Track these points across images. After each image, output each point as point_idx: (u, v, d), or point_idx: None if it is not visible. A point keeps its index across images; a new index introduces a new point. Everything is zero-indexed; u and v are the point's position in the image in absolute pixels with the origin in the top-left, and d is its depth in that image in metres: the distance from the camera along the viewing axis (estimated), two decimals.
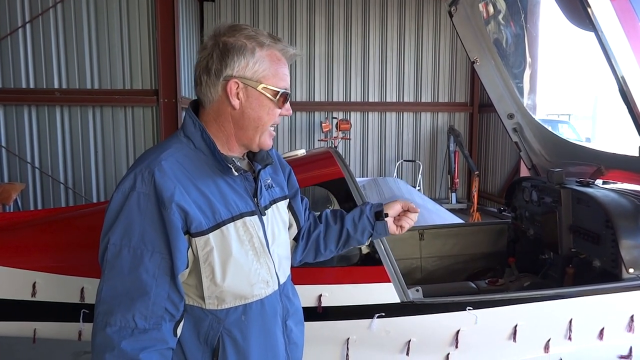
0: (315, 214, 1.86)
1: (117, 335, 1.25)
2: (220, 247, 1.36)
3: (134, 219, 1.29)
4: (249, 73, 1.39)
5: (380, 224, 1.83)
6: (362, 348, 2.30)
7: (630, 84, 2.17)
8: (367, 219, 1.82)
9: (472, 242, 3.57)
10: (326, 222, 1.83)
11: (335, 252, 1.84)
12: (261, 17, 9.76)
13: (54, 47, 6.68)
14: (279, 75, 1.43)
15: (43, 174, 6.88)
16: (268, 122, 1.45)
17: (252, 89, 1.41)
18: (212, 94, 1.42)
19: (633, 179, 2.91)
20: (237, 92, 1.40)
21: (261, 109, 1.42)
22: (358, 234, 1.81)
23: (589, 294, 2.39)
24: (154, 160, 1.34)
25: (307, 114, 10.05)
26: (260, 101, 1.42)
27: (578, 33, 2.52)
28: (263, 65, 1.40)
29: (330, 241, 1.81)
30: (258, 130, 1.44)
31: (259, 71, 1.40)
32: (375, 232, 1.83)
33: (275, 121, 1.47)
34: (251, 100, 1.41)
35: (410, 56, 10.20)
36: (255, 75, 1.40)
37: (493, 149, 10.02)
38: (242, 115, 1.42)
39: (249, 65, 1.39)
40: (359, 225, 1.81)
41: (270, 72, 1.41)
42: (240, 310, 1.41)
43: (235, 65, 1.38)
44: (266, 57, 1.41)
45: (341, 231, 1.81)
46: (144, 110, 6.88)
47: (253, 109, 1.42)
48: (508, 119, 3.56)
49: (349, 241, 1.83)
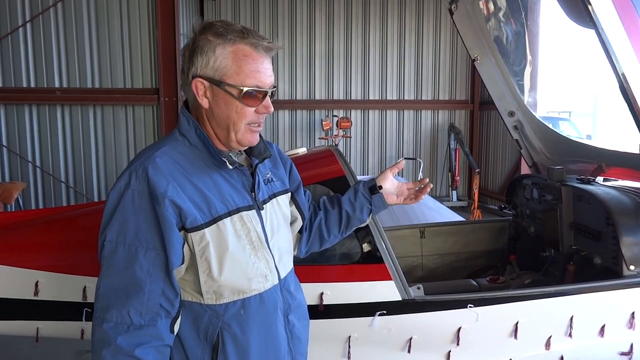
0: (314, 203, 1.86)
1: (113, 331, 1.26)
2: (217, 241, 1.36)
3: (128, 216, 1.30)
4: (211, 71, 1.36)
5: (377, 197, 1.84)
6: (363, 346, 2.31)
7: (630, 81, 2.17)
8: (363, 195, 1.84)
9: (473, 239, 3.58)
10: (325, 209, 1.84)
11: (339, 236, 1.85)
12: (261, 15, 9.73)
13: (55, 46, 6.67)
14: (244, 72, 1.36)
15: (44, 173, 6.88)
16: (240, 121, 1.39)
17: (216, 87, 1.37)
18: (188, 94, 1.43)
19: (634, 176, 2.92)
20: (205, 91, 1.38)
21: (228, 108, 1.38)
22: (357, 212, 1.82)
23: (589, 291, 2.40)
24: (149, 157, 1.34)
25: (307, 112, 10.03)
26: (226, 100, 1.37)
27: (578, 30, 2.51)
28: (224, 62, 1.35)
29: (332, 226, 1.82)
30: (231, 129, 1.40)
31: (220, 68, 1.35)
32: (374, 206, 1.84)
33: (249, 119, 1.40)
34: (217, 99, 1.38)
35: (410, 54, 10.18)
36: (217, 74, 1.36)
37: (494, 146, 10.01)
38: (213, 114, 1.40)
39: (210, 64, 1.35)
40: (356, 204, 1.82)
41: (232, 69, 1.35)
42: (239, 304, 1.41)
43: (198, 63, 1.36)
44: (229, 54, 1.35)
45: (340, 213, 1.82)
46: (145, 109, 6.87)
47: (220, 108, 1.39)
48: (509, 116, 3.57)
49: (351, 221, 1.83)
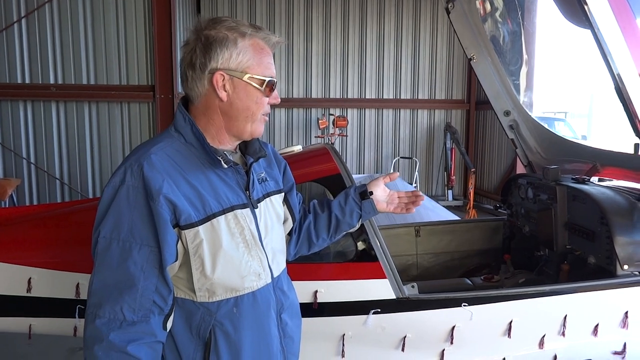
0: (304, 206, 1.87)
1: (106, 327, 1.26)
2: (210, 239, 1.36)
3: (123, 212, 1.30)
4: (234, 64, 1.40)
5: (367, 202, 1.85)
6: (357, 344, 2.31)
7: (626, 82, 2.17)
8: (353, 200, 1.84)
9: (468, 238, 3.59)
10: (314, 212, 1.84)
11: (328, 240, 1.86)
12: (258, 12, 9.71)
13: (50, 42, 6.63)
14: (264, 64, 1.43)
15: (39, 169, 6.84)
16: (257, 112, 1.45)
17: (238, 79, 1.41)
18: (199, 89, 1.43)
19: (628, 176, 2.93)
20: (224, 84, 1.41)
21: (249, 99, 1.43)
22: (347, 217, 1.83)
23: (583, 291, 2.41)
24: (144, 154, 1.35)
25: (304, 110, 10.03)
26: (247, 91, 1.42)
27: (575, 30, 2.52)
28: (247, 55, 1.40)
29: (321, 230, 1.82)
30: (248, 120, 1.45)
31: (243, 61, 1.40)
32: (364, 212, 1.85)
33: (264, 110, 1.47)
34: (238, 91, 1.42)
35: (407, 53, 10.19)
36: (240, 66, 1.40)
37: (489, 146, 10.03)
38: (231, 106, 1.43)
39: (233, 57, 1.39)
40: (346, 209, 1.83)
41: (254, 61, 1.41)
42: (232, 302, 1.41)
43: (219, 57, 1.39)
44: (249, 47, 1.41)
45: (330, 217, 1.82)
46: (140, 106, 6.83)
47: (241, 99, 1.42)
48: (504, 116, 3.57)
49: (340, 226, 1.84)
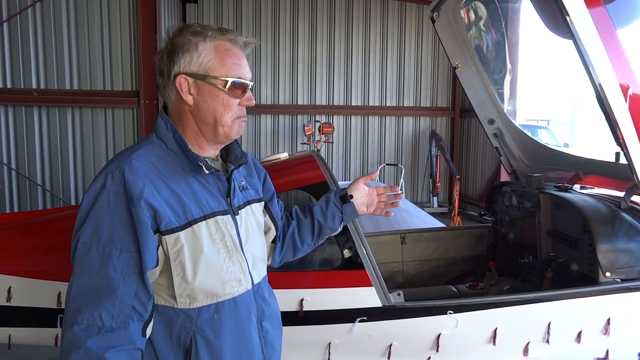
0: (286, 213, 1.87)
1: (84, 333, 1.24)
2: (191, 245, 1.36)
3: (103, 217, 1.29)
4: (195, 67, 1.40)
5: (348, 206, 1.87)
6: (343, 352, 2.30)
7: (607, 91, 2.21)
8: (334, 204, 1.87)
9: (453, 246, 3.61)
10: (297, 218, 1.86)
11: (312, 245, 1.87)
12: (244, 19, 9.71)
13: (32, 47, 6.55)
14: (227, 65, 1.42)
15: (20, 175, 6.73)
16: (226, 113, 1.43)
17: (201, 82, 1.41)
18: (169, 95, 1.45)
19: (610, 184, 2.97)
20: (189, 88, 1.41)
21: (214, 101, 1.42)
22: (329, 221, 1.85)
23: (567, 298, 2.43)
24: (125, 159, 1.34)
25: (289, 117, 10.03)
26: (212, 93, 1.41)
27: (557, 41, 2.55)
28: (207, 57, 1.41)
29: (304, 235, 1.84)
30: (218, 123, 1.43)
31: (204, 63, 1.40)
32: (345, 215, 1.88)
33: (234, 112, 1.45)
34: (203, 93, 1.42)
35: (392, 60, 10.26)
36: (201, 68, 1.40)
37: (474, 153, 10.13)
38: (198, 109, 1.43)
39: (194, 59, 1.40)
40: (327, 213, 1.85)
41: (216, 62, 1.41)
42: (213, 308, 1.40)
43: (181, 61, 1.40)
44: (211, 49, 1.41)
45: (313, 222, 1.84)
46: (125, 112, 6.78)
47: (206, 102, 1.42)
48: (489, 124, 3.61)
49: (323, 230, 1.85)
